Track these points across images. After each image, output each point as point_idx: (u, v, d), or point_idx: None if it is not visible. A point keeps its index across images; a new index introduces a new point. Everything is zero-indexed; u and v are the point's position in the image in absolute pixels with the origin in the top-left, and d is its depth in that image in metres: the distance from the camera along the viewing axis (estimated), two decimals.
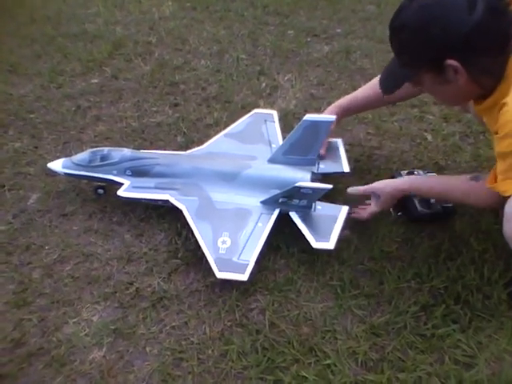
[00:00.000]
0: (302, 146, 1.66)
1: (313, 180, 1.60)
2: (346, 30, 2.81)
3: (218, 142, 1.84)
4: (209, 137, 1.92)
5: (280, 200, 1.54)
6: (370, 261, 1.51)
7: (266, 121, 1.92)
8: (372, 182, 1.59)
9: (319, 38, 2.71)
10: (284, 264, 1.51)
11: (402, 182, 1.54)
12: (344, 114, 1.77)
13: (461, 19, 1.12)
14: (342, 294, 1.42)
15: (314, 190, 1.46)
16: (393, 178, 1.69)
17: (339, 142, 1.82)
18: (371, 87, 1.71)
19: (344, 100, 1.77)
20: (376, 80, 1.73)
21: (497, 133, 1.15)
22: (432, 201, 1.60)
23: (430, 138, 1.97)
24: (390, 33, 1.25)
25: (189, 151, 1.81)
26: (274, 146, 1.80)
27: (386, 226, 1.61)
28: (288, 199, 1.52)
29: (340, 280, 1.45)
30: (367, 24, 2.86)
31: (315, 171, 1.66)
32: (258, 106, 2.16)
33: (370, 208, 1.58)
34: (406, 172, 1.69)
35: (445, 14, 1.14)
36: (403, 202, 1.63)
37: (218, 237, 1.49)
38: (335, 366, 1.26)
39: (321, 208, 1.56)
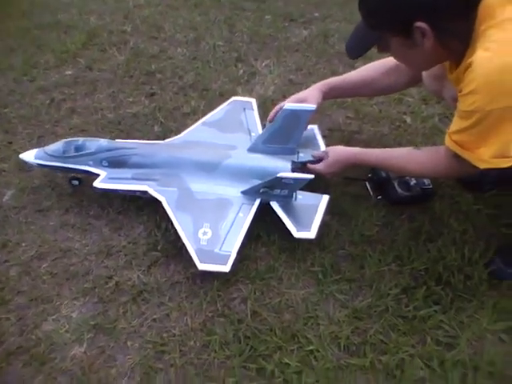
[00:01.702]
0: (282, 135, 1.64)
1: (293, 169, 1.59)
2: (324, 14, 2.78)
3: (196, 130, 1.81)
4: (186, 126, 1.89)
5: (261, 190, 1.52)
6: (350, 245, 1.50)
7: (244, 109, 1.90)
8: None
9: (297, 22, 2.68)
10: (265, 252, 1.50)
11: (352, 148, 1.54)
12: (330, 93, 1.71)
13: None
14: (323, 279, 1.41)
15: (295, 180, 1.45)
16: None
17: (315, 128, 1.80)
18: (364, 70, 1.68)
19: (332, 79, 1.72)
20: (367, 66, 1.72)
21: (461, 91, 1.13)
22: (412, 183, 1.59)
23: (409, 120, 1.96)
24: None
25: (167, 140, 1.77)
26: (253, 134, 1.78)
27: (367, 210, 1.60)
28: (269, 189, 1.51)
29: (321, 266, 1.44)
30: (345, 7, 2.83)
31: (295, 160, 1.64)
32: (235, 94, 2.13)
33: (318, 165, 1.57)
34: None
35: None
36: (382, 184, 1.64)
37: (199, 228, 1.46)
38: (318, 351, 1.26)
39: (302, 197, 1.55)
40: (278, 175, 1.43)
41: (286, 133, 1.64)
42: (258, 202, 1.54)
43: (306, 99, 1.65)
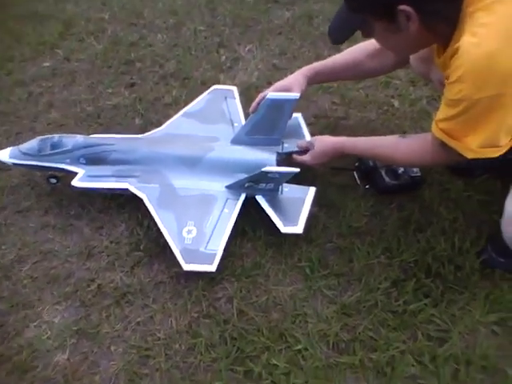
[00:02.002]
0: (265, 126, 1.58)
1: (278, 161, 1.53)
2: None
3: (176, 122, 1.75)
4: (168, 117, 1.82)
5: (246, 184, 1.47)
6: (338, 238, 1.46)
7: (226, 97, 1.83)
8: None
9: (279, 3, 2.58)
10: (251, 248, 1.46)
11: (338, 138, 1.48)
12: (315, 78, 1.64)
13: None
14: (311, 274, 1.38)
15: (281, 174, 1.40)
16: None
17: (299, 117, 1.74)
18: (350, 53, 1.62)
19: (317, 64, 1.65)
20: (352, 48, 1.65)
21: (448, 78, 1.08)
22: (400, 171, 1.55)
23: (396, 104, 1.90)
24: None
25: (147, 134, 1.71)
26: (236, 124, 1.72)
27: (354, 200, 1.56)
28: (254, 183, 1.46)
29: (309, 260, 1.41)
30: None
31: (280, 151, 1.58)
32: (218, 81, 2.06)
33: (304, 156, 1.53)
34: None
35: None
36: (370, 174, 1.59)
37: (183, 226, 1.42)
38: (306, 350, 1.23)
39: (288, 190, 1.50)
40: (263, 169, 1.38)
41: (270, 123, 1.58)
42: (243, 196, 1.49)
43: (290, 86, 1.59)
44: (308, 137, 1.66)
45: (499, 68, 0.97)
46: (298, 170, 1.39)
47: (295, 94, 1.55)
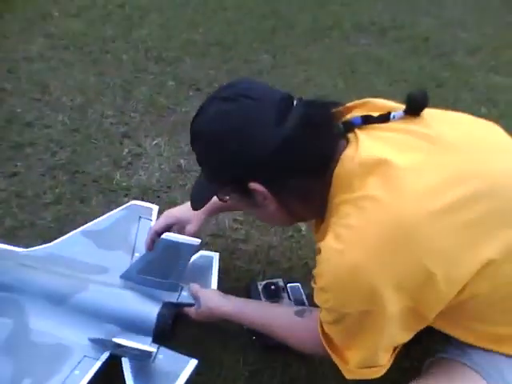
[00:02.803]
0: (160, 267, 1.35)
1: (163, 316, 1.28)
2: None
3: (70, 240, 1.50)
4: (42, 220, 1.60)
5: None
6: None
7: (140, 217, 1.59)
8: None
9: (202, 92, 2.42)
10: None
11: (228, 303, 1.26)
12: (221, 208, 1.42)
13: (264, 134, 0.90)
14: None
15: (140, 351, 1.15)
16: (248, 289, 1.44)
17: (214, 258, 1.51)
18: None
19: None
20: None
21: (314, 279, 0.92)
22: None
23: (304, 229, 1.72)
24: None
25: (30, 249, 1.46)
26: (137, 254, 1.48)
27: (234, 354, 1.34)
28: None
29: None
30: (258, 78, 2.59)
31: (174, 300, 1.35)
32: (112, 179, 1.84)
33: (190, 310, 1.32)
34: (263, 283, 1.44)
35: (246, 125, 0.91)
36: None
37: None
38: None
39: (162, 358, 1.23)
40: (113, 339, 1.14)
41: (165, 266, 1.35)
42: (105, 355, 1.21)
43: (185, 220, 1.40)
44: (215, 284, 1.43)
45: (363, 283, 0.82)
46: (152, 351, 1.16)
47: (194, 240, 1.33)
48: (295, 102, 0.97)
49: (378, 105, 1.06)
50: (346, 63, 2.94)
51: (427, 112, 0.99)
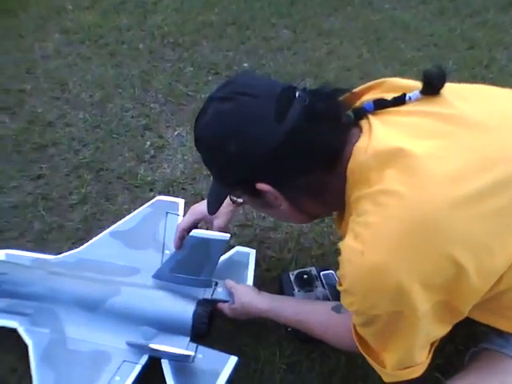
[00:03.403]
0: (191, 265, 1.32)
1: (199, 314, 1.26)
2: (254, 64, 2.47)
3: (99, 243, 1.50)
4: (71, 221, 1.58)
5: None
6: None
7: (167, 213, 1.52)
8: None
9: (221, 76, 2.36)
10: None
11: (263, 300, 1.23)
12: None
13: (264, 131, 0.85)
14: None
15: (178, 355, 1.14)
16: (280, 280, 1.39)
17: (251, 254, 1.47)
18: None
19: None
20: None
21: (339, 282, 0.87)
22: None
23: (335, 212, 1.65)
24: None
25: (60, 256, 1.46)
26: (167, 252, 1.43)
27: (269, 348, 1.30)
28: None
29: None
30: (279, 55, 2.53)
31: (209, 297, 1.32)
32: (136, 174, 1.82)
33: (224, 307, 1.29)
34: (295, 273, 1.39)
35: (243, 125, 0.86)
36: None
37: None
38: None
39: (202, 358, 1.21)
40: (150, 345, 1.14)
41: (197, 263, 1.32)
42: (144, 359, 1.21)
43: (215, 216, 1.32)
44: (250, 281, 1.40)
45: (387, 284, 0.76)
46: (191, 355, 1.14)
47: (223, 235, 1.29)
48: (297, 94, 0.90)
49: (395, 85, 0.98)
50: (370, 31, 2.80)
51: (448, 88, 0.91)
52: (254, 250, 1.48)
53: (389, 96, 0.94)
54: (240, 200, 1.03)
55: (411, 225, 0.76)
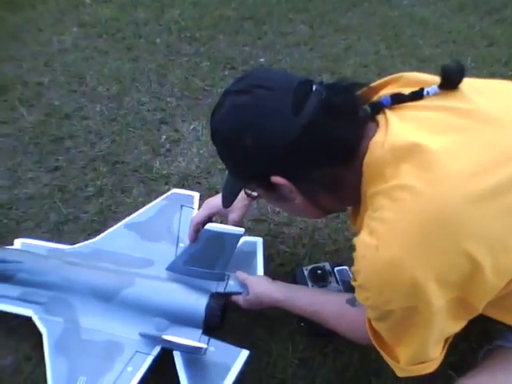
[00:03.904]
0: (205, 259, 1.33)
1: (212, 307, 1.26)
2: (271, 59, 2.47)
3: (114, 234, 1.50)
4: (86, 213, 1.60)
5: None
6: None
7: (182, 206, 1.56)
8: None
9: (237, 71, 2.36)
10: None
11: (278, 290, 1.23)
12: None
13: (280, 124, 0.85)
14: None
15: (191, 347, 1.15)
16: (294, 275, 1.39)
17: (258, 242, 1.46)
18: None
19: None
20: None
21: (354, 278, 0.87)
22: None
23: (350, 208, 1.64)
24: None
25: (75, 246, 1.47)
26: (181, 245, 1.45)
27: (282, 342, 1.30)
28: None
29: None
30: (295, 51, 2.53)
31: (222, 291, 1.33)
32: (152, 167, 1.83)
33: (238, 299, 1.30)
34: (309, 268, 1.39)
35: (260, 118, 0.86)
36: None
37: (73, 383, 1.15)
38: None
39: (213, 351, 1.21)
40: (164, 337, 1.15)
41: (210, 256, 1.33)
42: (157, 350, 1.22)
43: (230, 209, 1.34)
44: (261, 269, 1.39)
45: (402, 279, 0.76)
46: (202, 348, 1.14)
47: (238, 230, 1.29)
48: (314, 87, 0.89)
49: (413, 79, 0.97)
50: (388, 27, 2.79)
51: (466, 83, 0.90)
52: (261, 239, 1.48)
53: (406, 90, 0.93)
54: (255, 193, 1.03)
55: (427, 220, 0.76)
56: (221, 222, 1.43)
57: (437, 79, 0.91)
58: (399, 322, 0.83)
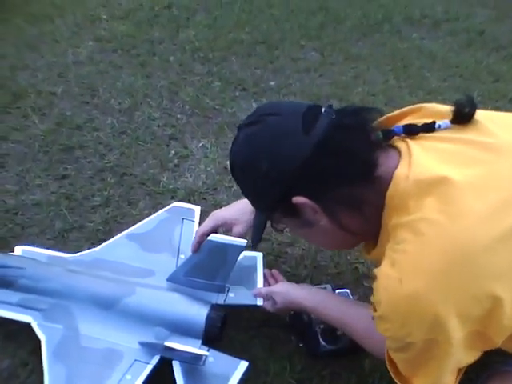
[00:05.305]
0: (206, 269, 1.34)
1: (212, 318, 1.27)
2: (281, 84, 2.51)
3: (115, 244, 1.51)
4: (91, 222, 1.61)
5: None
6: None
7: (183, 219, 1.58)
8: None
9: (248, 92, 2.41)
10: None
11: (306, 298, 1.23)
12: None
13: (293, 145, 0.87)
14: None
15: (192, 355, 1.15)
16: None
17: (258, 257, 1.48)
18: None
19: None
20: None
21: (374, 308, 0.87)
22: (339, 332, 1.28)
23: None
24: None
25: (77, 255, 1.48)
26: (182, 256, 1.47)
27: (280, 361, 1.30)
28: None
29: None
30: (305, 76, 2.58)
31: (222, 302, 1.34)
32: (159, 181, 1.85)
33: (266, 305, 1.31)
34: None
35: (273, 141, 0.88)
36: (304, 331, 1.33)
37: None
38: None
39: (212, 361, 1.22)
40: (165, 343, 1.15)
41: (212, 267, 1.34)
42: (156, 359, 1.22)
43: (232, 222, 1.38)
44: (261, 283, 1.40)
45: (424, 313, 0.77)
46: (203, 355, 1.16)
47: (241, 241, 1.29)
48: (324, 109, 0.92)
49: (433, 110, 1.00)
50: (397, 58, 2.84)
51: (480, 115, 0.93)
52: (261, 253, 1.49)
53: (420, 122, 0.95)
54: (282, 225, 1.05)
55: (449, 256, 0.77)
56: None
57: None
58: (418, 353, 0.83)
